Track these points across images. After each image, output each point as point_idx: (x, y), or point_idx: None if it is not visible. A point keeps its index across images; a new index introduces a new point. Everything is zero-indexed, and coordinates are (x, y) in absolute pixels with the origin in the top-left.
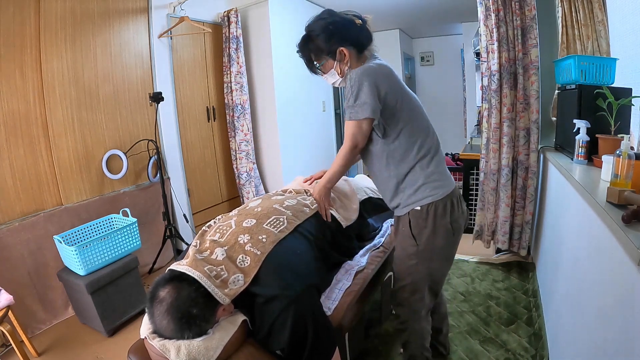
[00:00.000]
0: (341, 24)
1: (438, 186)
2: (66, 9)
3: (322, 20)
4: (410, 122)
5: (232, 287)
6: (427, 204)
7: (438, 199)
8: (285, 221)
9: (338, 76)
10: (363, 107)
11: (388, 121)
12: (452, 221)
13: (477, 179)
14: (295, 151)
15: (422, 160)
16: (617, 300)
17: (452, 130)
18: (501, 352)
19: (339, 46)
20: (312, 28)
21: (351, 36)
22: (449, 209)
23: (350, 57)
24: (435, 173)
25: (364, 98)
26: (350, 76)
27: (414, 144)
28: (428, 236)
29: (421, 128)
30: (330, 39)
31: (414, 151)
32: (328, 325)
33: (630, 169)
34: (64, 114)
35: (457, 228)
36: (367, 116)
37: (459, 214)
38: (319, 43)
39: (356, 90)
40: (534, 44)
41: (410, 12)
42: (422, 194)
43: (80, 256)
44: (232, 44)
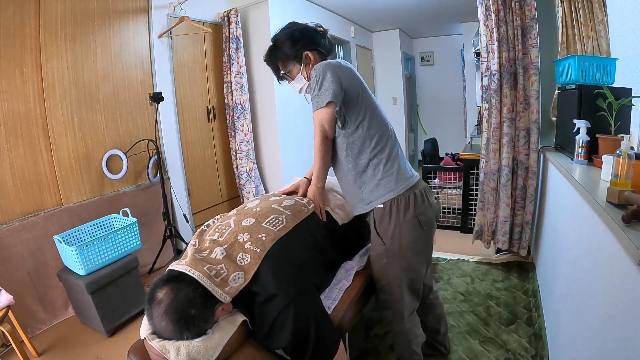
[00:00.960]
0: (305, 31)
1: (397, 180)
2: (66, 9)
3: (287, 29)
4: (369, 117)
5: (233, 285)
6: (389, 199)
7: (399, 193)
8: (284, 220)
9: (305, 80)
10: (326, 93)
11: (349, 111)
12: (418, 214)
13: (477, 179)
14: (295, 151)
15: (380, 155)
16: (617, 300)
17: (452, 130)
18: (501, 352)
19: (304, 50)
20: (278, 36)
21: (315, 41)
22: (412, 202)
23: (315, 61)
24: (394, 168)
25: (327, 85)
26: (315, 68)
27: (372, 138)
28: (393, 233)
29: (380, 124)
30: (295, 44)
31: (372, 144)
32: (330, 322)
33: (630, 169)
34: (64, 114)
35: (425, 221)
36: (330, 99)
37: (425, 206)
38: (285, 49)
39: (320, 79)
40: (534, 44)
41: (410, 12)
42: (383, 189)
43: (80, 256)
44: (232, 44)
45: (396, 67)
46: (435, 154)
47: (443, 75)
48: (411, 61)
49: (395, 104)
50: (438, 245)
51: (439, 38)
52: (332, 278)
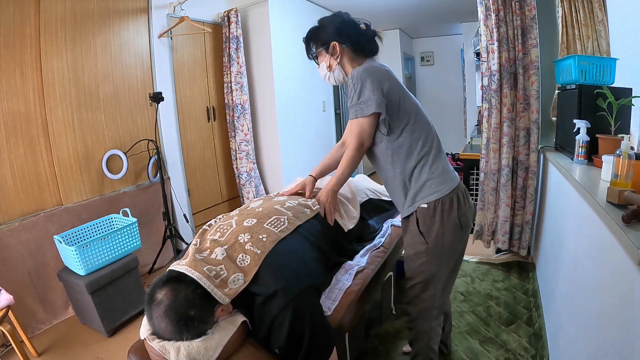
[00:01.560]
0: (345, 23)
1: (443, 181)
2: (66, 9)
3: (334, 16)
4: (412, 119)
5: (232, 287)
6: (434, 200)
7: (444, 194)
8: (286, 221)
9: (326, 69)
10: (368, 103)
11: (392, 117)
12: (460, 216)
13: (477, 179)
14: (295, 151)
15: (427, 156)
16: (617, 300)
17: (452, 130)
18: (501, 352)
19: (333, 40)
20: (323, 20)
21: (349, 35)
22: (456, 204)
23: (342, 54)
24: (439, 169)
25: (368, 94)
26: (352, 75)
27: (418, 140)
28: (437, 233)
29: (424, 125)
30: (329, 31)
31: (419, 147)
32: (326, 326)
33: (630, 169)
34: (64, 114)
35: (465, 222)
36: (374, 111)
37: (466, 208)
38: (319, 33)
39: (359, 88)
40: (534, 44)
41: (410, 12)
42: (428, 190)
43: (80, 256)
44: (232, 44)
45: (396, 67)
46: None
47: (443, 75)
48: (411, 61)
49: None
50: None
51: (439, 38)
52: (332, 278)
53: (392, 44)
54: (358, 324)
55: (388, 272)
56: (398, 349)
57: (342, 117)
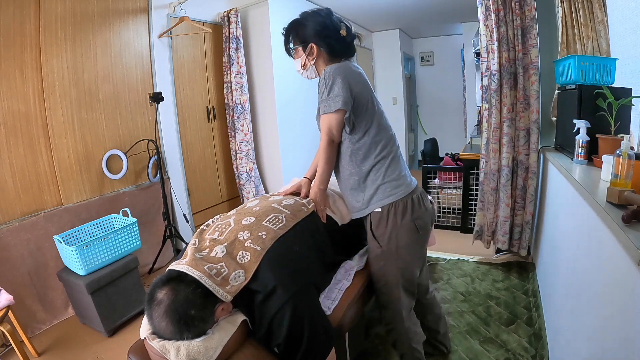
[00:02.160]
0: (326, 26)
1: (397, 185)
2: (66, 9)
3: (316, 15)
4: (376, 122)
5: (234, 284)
6: (388, 204)
7: (398, 198)
8: (284, 219)
9: (300, 67)
10: (336, 99)
11: (358, 117)
12: (415, 219)
13: (477, 179)
14: (295, 151)
15: (384, 160)
16: (617, 300)
17: (452, 130)
18: (501, 352)
19: (312, 42)
20: (305, 16)
21: (328, 40)
22: (410, 207)
23: (318, 56)
24: (395, 173)
25: (337, 91)
26: (325, 71)
27: (378, 143)
28: (390, 237)
29: (385, 130)
30: (309, 32)
31: (377, 150)
32: (326, 324)
33: (630, 169)
34: (64, 114)
35: (421, 225)
36: (340, 107)
37: (422, 211)
38: (300, 30)
39: (330, 84)
40: (534, 44)
41: (410, 12)
42: (382, 194)
43: (80, 256)
44: (232, 44)
45: (396, 67)
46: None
47: (443, 75)
48: (411, 61)
49: (395, 104)
50: (438, 245)
51: (439, 38)
52: (331, 278)
53: (392, 44)
54: (358, 324)
55: None
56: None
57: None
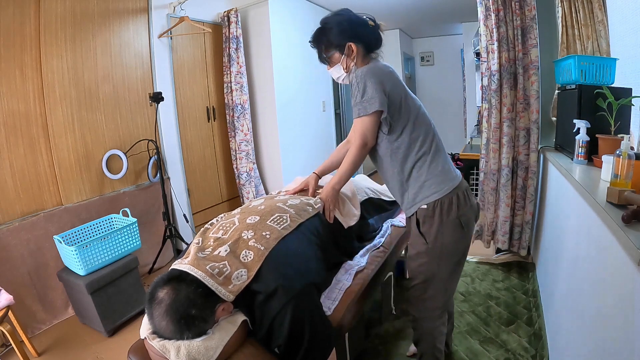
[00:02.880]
0: (355, 22)
1: (442, 181)
2: (66, 9)
3: (338, 15)
4: (413, 119)
5: (236, 283)
6: (433, 201)
7: (443, 195)
8: (289, 219)
9: (343, 71)
10: (371, 102)
11: (394, 116)
12: (460, 215)
13: (477, 179)
14: (295, 151)
15: (425, 156)
16: (617, 300)
17: (452, 130)
18: (501, 352)
19: (349, 41)
20: (327, 21)
21: (362, 34)
22: (456, 203)
23: (357, 53)
24: (439, 169)
25: (371, 93)
26: (355, 74)
27: (416, 140)
28: (436, 233)
29: (423, 125)
30: (341, 33)
31: (416, 147)
32: (326, 325)
33: (630, 169)
34: (64, 114)
35: (465, 222)
36: (377, 109)
37: (466, 207)
38: (330, 36)
39: (362, 87)
40: (534, 44)
41: (410, 12)
42: (428, 191)
43: (80, 256)
44: (232, 44)
45: (396, 67)
46: None
47: (443, 75)
48: (411, 61)
49: None
50: None
51: (439, 38)
52: (332, 278)
53: (392, 44)
54: (358, 324)
55: (388, 272)
56: (398, 349)
57: (342, 117)
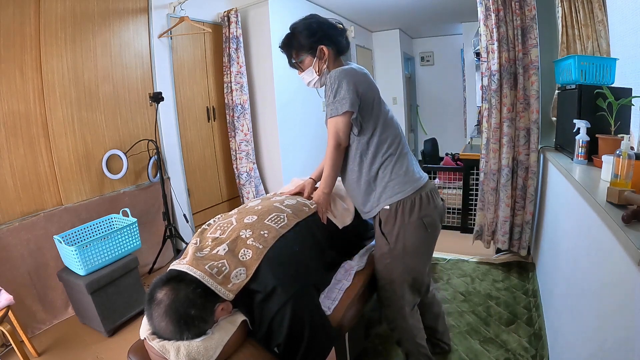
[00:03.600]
0: (324, 24)
1: (405, 182)
2: (66, 9)
3: (307, 20)
4: (382, 121)
5: (235, 282)
6: (396, 202)
7: (406, 196)
8: (286, 218)
9: (315, 74)
10: (342, 102)
11: (365, 117)
12: (423, 216)
13: (477, 179)
14: (295, 151)
15: (391, 158)
16: (617, 300)
17: (452, 130)
18: (501, 352)
19: (320, 44)
20: (296, 25)
21: (332, 36)
22: (418, 204)
23: (329, 56)
24: (402, 170)
25: (343, 94)
26: (330, 75)
27: (385, 142)
28: (398, 234)
29: (391, 128)
30: (312, 36)
31: (384, 148)
32: (326, 324)
33: (630, 169)
34: (64, 114)
35: (429, 223)
36: (347, 109)
37: (430, 208)
38: (301, 39)
39: (335, 87)
40: (534, 44)
41: (410, 12)
42: (391, 191)
43: (80, 256)
44: (232, 44)
45: (396, 67)
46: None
47: (443, 75)
48: (411, 61)
49: (395, 104)
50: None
51: (439, 38)
52: (331, 278)
53: (392, 44)
54: (358, 324)
55: None
56: (398, 349)
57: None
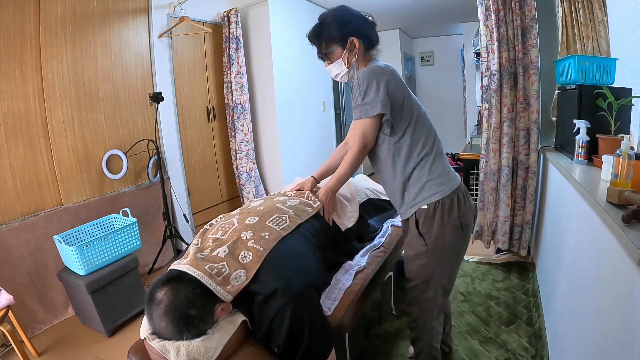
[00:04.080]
0: (355, 17)
1: (443, 182)
2: (66, 9)
3: (337, 10)
4: (415, 120)
5: (234, 284)
6: (434, 201)
7: (444, 195)
8: (288, 220)
9: (344, 66)
10: (372, 104)
11: (395, 117)
12: (460, 216)
13: (477, 179)
14: (295, 151)
15: (427, 157)
16: (617, 300)
17: (452, 130)
18: (501, 352)
19: (351, 36)
20: (326, 16)
21: (363, 29)
22: (456, 204)
23: (359, 49)
24: (439, 170)
25: (373, 95)
26: (357, 76)
27: (419, 141)
28: (436, 234)
29: (425, 126)
30: (343, 27)
31: (419, 148)
32: (326, 326)
33: (630, 169)
34: (64, 114)
35: (465, 223)
36: (379, 112)
37: (466, 209)
38: (331, 30)
39: (364, 89)
40: (534, 44)
41: (410, 12)
42: (428, 191)
43: (80, 256)
44: (232, 44)
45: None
46: None
47: (443, 75)
48: (411, 61)
49: None
50: None
51: (439, 38)
52: (332, 278)
53: (392, 44)
54: (358, 324)
55: (388, 272)
56: (398, 349)
57: (342, 118)
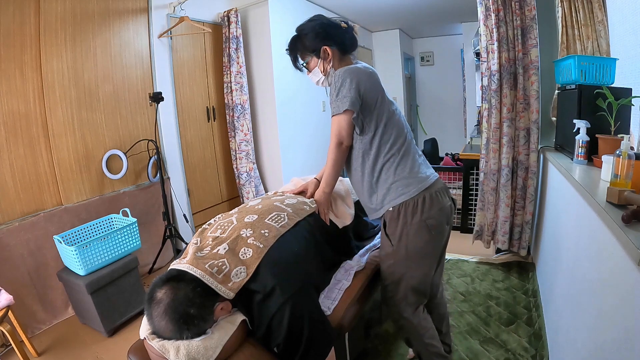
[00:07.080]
0: (328, 25)
1: (409, 184)
2: (66, 9)
3: (311, 21)
4: (385, 121)
5: (235, 281)
6: (399, 203)
7: (409, 197)
8: (286, 217)
9: (321, 74)
10: (343, 100)
11: (366, 117)
12: (426, 219)
13: (477, 179)
14: (295, 151)
15: (393, 158)
16: (617, 300)
17: (452, 130)
18: (501, 352)
19: (323, 45)
20: (302, 27)
21: (335, 36)
22: (421, 206)
23: (333, 56)
24: (406, 171)
25: (345, 92)
26: (335, 74)
27: (387, 142)
28: (400, 236)
29: (396, 128)
30: (315, 37)
31: (386, 149)
32: (325, 324)
33: (630, 169)
34: (64, 114)
35: (433, 225)
36: (347, 107)
37: (434, 211)
38: (305, 41)
39: (338, 86)
40: (534, 44)
41: (410, 12)
42: (394, 193)
43: (80, 256)
44: (232, 44)
45: (396, 67)
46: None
47: (443, 75)
48: (411, 61)
49: None
50: None
51: (439, 38)
52: (331, 277)
53: (392, 44)
54: (358, 324)
55: None
56: (398, 349)
57: None
